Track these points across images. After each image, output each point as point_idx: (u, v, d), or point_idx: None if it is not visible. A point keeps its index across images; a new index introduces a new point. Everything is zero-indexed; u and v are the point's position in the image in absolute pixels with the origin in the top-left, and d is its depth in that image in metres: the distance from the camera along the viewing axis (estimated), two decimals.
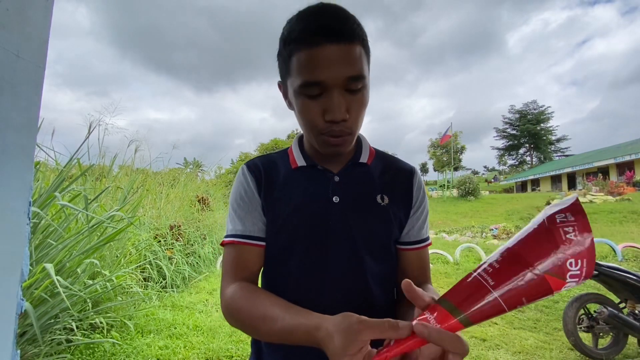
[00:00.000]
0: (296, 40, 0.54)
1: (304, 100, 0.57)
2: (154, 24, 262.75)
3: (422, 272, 0.71)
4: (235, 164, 26.03)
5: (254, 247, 0.65)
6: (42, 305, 2.11)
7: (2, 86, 0.50)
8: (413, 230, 0.70)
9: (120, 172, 5.17)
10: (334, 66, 0.52)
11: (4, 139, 0.51)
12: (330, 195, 0.65)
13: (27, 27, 0.54)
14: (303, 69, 0.54)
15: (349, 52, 0.53)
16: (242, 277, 0.64)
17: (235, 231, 0.66)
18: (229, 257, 0.65)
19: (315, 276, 0.64)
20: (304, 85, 0.55)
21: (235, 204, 0.68)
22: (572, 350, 2.71)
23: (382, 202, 0.67)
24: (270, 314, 0.54)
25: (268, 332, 0.54)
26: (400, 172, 0.72)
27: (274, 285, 0.68)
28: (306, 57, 0.53)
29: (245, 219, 0.66)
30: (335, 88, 0.54)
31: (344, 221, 0.64)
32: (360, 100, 0.57)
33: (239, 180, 0.70)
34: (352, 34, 0.53)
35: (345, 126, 0.58)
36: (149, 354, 2.55)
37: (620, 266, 2.67)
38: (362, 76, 0.55)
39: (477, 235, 8.88)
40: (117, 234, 2.80)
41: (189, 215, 6.19)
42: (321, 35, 0.52)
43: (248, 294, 0.59)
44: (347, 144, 0.61)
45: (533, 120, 49.29)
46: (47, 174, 3.03)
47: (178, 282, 4.46)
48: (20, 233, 0.54)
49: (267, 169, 0.70)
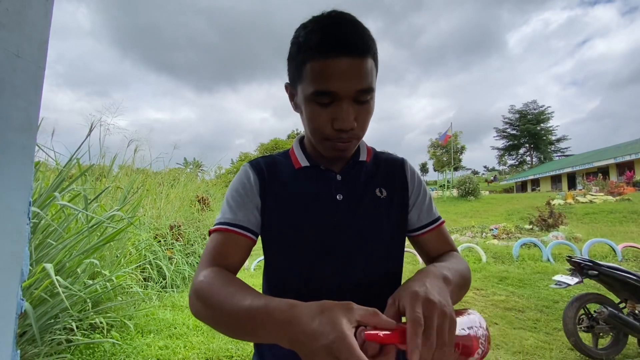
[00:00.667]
0: (312, 49, 0.55)
1: (314, 107, 0.59)
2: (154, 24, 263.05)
3: (446, 246, 0.74)
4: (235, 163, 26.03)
5: (240, 236, 0.63)
6: (42, 305, 2.11)
7: (2, 86, 0.50)
8: (422, 213, 0.73)
9: (121, 172, 5.18)
10: (346, 78, 0.55)
11: (4, 139, 0.51)
12: (334, 193, 0.68)
13: (27, 27, 0.54)
14: (316, 77, 0.56)
15: (361, 65, 0.55)
16: (220, 265, 0.60)
17: (225, 219, 0.65)
18: (211, 243, 0.63)
19: (320, 273, 0.65)
20: (316, 93, 0.57)
21: (230, 197, 0.68)
22: (572, 350, 2.71)
23: (381, 195, 0.70)
24: (240, 295, 0.48)
25: (235, 314, 0.46)
26: (392, 164, 0.76)
27: (278, 279, 0.69)
28: (321, 67, 0.55)
29: (238, 210, 0.66)
30: (346, 99, 0.57)
31: (348, 217, 0.66)
32: (367, 110, 0.60)
33: (240, 176, 0.70)
34: (366, 49, 0.56)
35: (352, 133, 0.61)
36: (149, 354, 2.55)
37: (620, 266, 2.67)
38: (371, 89, 0.58)
39: (477, 235, 8.87)
40: (117, 234, 2.80)
41: (189, 215, 6.19)
42: (338, 48, 0.54)
43: (223, 277, 0.54)
44: (352, 148, 0.64)
45: (533, 120, 49.28)
46: (47, 174, 3.03)
47: (178, 282, 4.46)
48: (20, 233, 0.54)
49: (271, 169, 0.71)
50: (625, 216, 10.27)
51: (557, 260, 5.96)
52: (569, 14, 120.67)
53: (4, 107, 0.51)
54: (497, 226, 9.62)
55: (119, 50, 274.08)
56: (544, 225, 9.01)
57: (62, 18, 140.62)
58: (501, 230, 8.87)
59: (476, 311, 0.51)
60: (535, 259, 6.06)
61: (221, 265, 0.60)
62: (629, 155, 21.53)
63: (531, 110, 50.09)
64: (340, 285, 0.64)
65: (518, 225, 9.84)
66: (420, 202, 0.73)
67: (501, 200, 18.15)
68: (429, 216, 0.73)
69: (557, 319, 3.41)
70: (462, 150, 41.26)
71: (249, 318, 0.44)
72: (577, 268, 2.70)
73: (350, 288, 0.64)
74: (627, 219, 10.00)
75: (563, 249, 6.43)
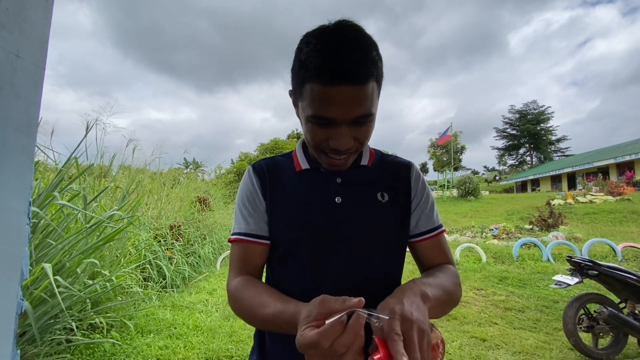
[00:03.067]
0: (311, 72, 0.54)
1: (313, 126, 0.59)
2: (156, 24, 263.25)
3: (441, 258, 0.72)
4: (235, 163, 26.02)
5: (257, 244, 0.69)
6: (42, 305, 2.11)
7: (2, 86, 0.50)
8: (421, 220, 0.72)
9: (120, 172, 5.17)
10: (345, 107, 0.55)
11: (4, 139, 0.51)
12: (333, 196, 0.68)
13: (27, 27, 0.54)
14: (315, 102, 0.55)
15: (360, 93, 0.54)
16: (246, 271, 0.69)
17: (240, 229, 0.70)
18: (235, 253, 0.71)
19: (319, 274, 0.65)
20: (314, 116, 0.57)
21: (241, 203, 0.72)
22: (572, 350, 2.71)
23: (382, 199, 0.69)
24: (264, 301, 0.59)
25: (262, 318, 0.58)
26: (398, 168, 0.75)
27: (279, 281, 0.70)
28: (319, 93, 0.54)
29: (250, 218, 0.70)
30: (344, 124, 0.57)
31: (347, 220, 0.66)
32: (366, 130, 0.60)
33: (245, 181, 0.74)
34: (366, 75, 0.54)
35: (350, 150, 0.61)
36: (149, 354, 2.55)
37: (620, 266, 2.67)
38: (370, 114, 0.57)
39: (477, 235, 8.86)
40: (116, 234, 2.80)
41: (189, 216, 6.19)
42: (339, 77, 0.52)
43: (249, 285, 0.65)
44: (349, 162, 0.65)
45: (533, 120, 49.24)
46: (46, 174, 3.03)
47: (178, 282, 4.46)
48: (20, 233, 0.54)
49: (272, 171, 0.73)
50: (625, 216, 10.27)
51: (557, 260, 5.96)
52: (570, 14, 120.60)
53: (4, 107, 0.51)
54: (497, 226, 9.62)
55: (121, 51, 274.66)
56: (544, 225, 9.01)
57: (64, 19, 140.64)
58: (501, 230, 8.87)
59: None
60: (535, 259, 6.06)
61: (247, 272, 0.69)
62: (629, 155, 21.53)
63: (531, 110, 50.07)
64: (339, 287, 0.64)
65: (518, 225, 9.84)
66: (422, 207, 0.72)
67: (501, 200, 18.16)
68: (428, 223, 0.72)
69: (557, 319, 3.41)
70: (462, 150, 41.22)
71: (272, 325, 0.57)
72: (577, 268, 2.70)
73: (349, 289, 0.64)
74: (627, 219, 10.01)
75: (563, 249, 6.43)
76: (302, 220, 0.67)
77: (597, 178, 18.96)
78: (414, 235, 0.72)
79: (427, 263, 0.72)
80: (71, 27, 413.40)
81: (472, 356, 2.70)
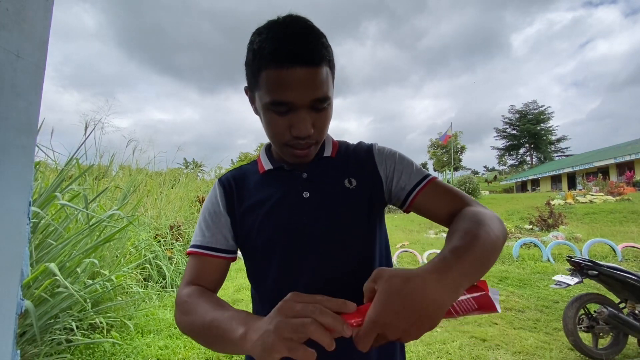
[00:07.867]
0: (267, 57, 0.55)
1: (272, 115, 0.59)
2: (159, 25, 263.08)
3: (450, 202, 0.66)
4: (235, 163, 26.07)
5: (211, 257, 0.68)
6: (42, 305, 2.11)
7: (2, 86, 0.50)
8: (402, 180, 0.70)
9: (120, 172, 5.17)
10: (302, 88, 0.55)
11: (4, 139, 0.51)
12: (301, 191, 0.68)
13: (27, 27, 0.54)
14: (272, 88, 0.56)
15: (316, 75, 0.55)
16: (198, 284, 0.66)
17: (197, 242, 0.69)
18: (189, 265, 0.69)
19: (297, 270, 0.65)
20: (272, 103, 0.57)
21: (202, 218, 0.72)
22: (572, 350, 2.71)
23: (350, 185, 0.69)
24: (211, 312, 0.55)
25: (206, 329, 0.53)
26: (360, 152, 0.75)
27: (259, 284, 0.70)
28: (275, 78, 0.55)
29: (207, 230, 0.69)
30: (302, 108, 0.57)
31: (317, 213, 0.66)
32: (325, 116, 0.61)
33: (210, 195, 0.74)
34: (320, 58, 0.55)
35: (310, 139, 0.61)
36: (149, 354, 2.55)
37: (620, 266, 2.67)
38: (327, 97, 0.58)
39: None
40: (116, 234, 2.80)
41: (189, 215, 6.19)
42: (292, 57, 0.54)
43: (201, 294, 0.62)
44: (312, 153, 0.65)
45: (533, 120, 49.19)
46: (46, 174, 3.03)
47: (178, 281, 4.45)
48: (20, 233, 0.54)
49: (238, 181, 0.73)
50: (625, 216, 10.26)
51: (557, 260, 5.95)
52: (573, 15, 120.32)
53: (4, 107, 0.51)
54: None
55: (125, 52, 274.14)
56: (544, 225, 9.01)
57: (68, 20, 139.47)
58: None
59: None
60: (535, 259, 6.06)
61: (196, 284, 0.66)
62: (629, 155, 21.51)
63: (531, 110, 50.02)
64: (316, 280, 0.64)
65: (518, 225, 9.84)
66: (398, 170, 0.70)
67: (501, 200, 18.14)
68: (413, 178, 0.69)
69: (557, 319, 3.41)
70: (462, 150, 41.21)
71: (215, 338, 0.51)
72: (577, 268, 2.70)
73: (327, 279, 0.65)
74: (627, 219, 9.99)
75: (563, 249, 6.42)
76: (273, 221, 0.66)
77: (597, 178, 18.95)
78: (406, 197, 0.69)
79: (441, 213, 0.66)
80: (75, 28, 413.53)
81: (472, 356, 2.70)
